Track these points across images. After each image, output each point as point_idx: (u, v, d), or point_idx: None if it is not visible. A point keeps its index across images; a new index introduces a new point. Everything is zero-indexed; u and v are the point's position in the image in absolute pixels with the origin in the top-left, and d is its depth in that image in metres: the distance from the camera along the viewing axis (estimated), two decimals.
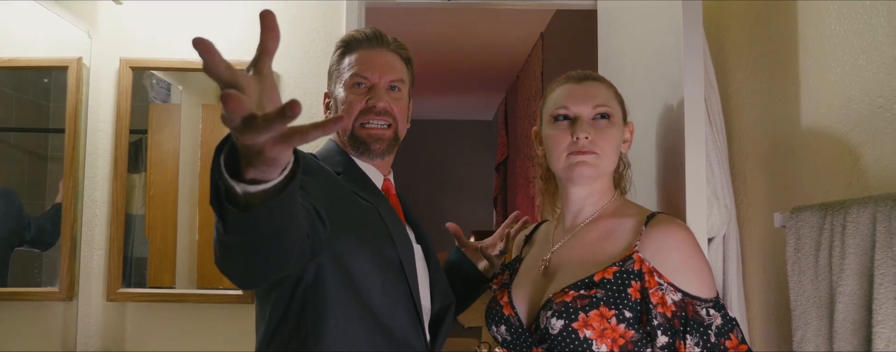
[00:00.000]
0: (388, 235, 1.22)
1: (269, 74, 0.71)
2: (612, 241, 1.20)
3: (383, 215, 1.24)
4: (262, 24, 0.68)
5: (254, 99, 0.68)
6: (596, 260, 1.18)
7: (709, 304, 1.11)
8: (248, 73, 0.71)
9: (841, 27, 1.36)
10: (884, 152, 1.23)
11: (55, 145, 2.10)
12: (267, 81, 0.71)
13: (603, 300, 1.10)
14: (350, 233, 1.17)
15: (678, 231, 1.15)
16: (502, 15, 4.26)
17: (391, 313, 1.19)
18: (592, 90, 1.25)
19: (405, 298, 1.21)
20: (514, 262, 1.37)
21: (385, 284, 1.19)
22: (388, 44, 1.34)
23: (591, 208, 1.26)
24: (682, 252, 1.13)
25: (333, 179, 1.24)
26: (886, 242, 1.11)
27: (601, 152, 1.21)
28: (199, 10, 2.28)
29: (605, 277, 1.12)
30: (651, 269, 1.11)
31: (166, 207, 2.24)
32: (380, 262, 1.20)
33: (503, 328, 1.22)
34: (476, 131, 7.86)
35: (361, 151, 1.30)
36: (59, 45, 2.10)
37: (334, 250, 1.14)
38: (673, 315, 1.09)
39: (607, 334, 1.09)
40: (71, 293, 2.09)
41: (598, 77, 1.31)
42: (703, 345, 1.08)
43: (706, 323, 1.09)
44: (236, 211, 0.75)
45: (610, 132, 1.22)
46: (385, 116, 1.28)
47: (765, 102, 1.65)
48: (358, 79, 1.29)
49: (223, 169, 0.73)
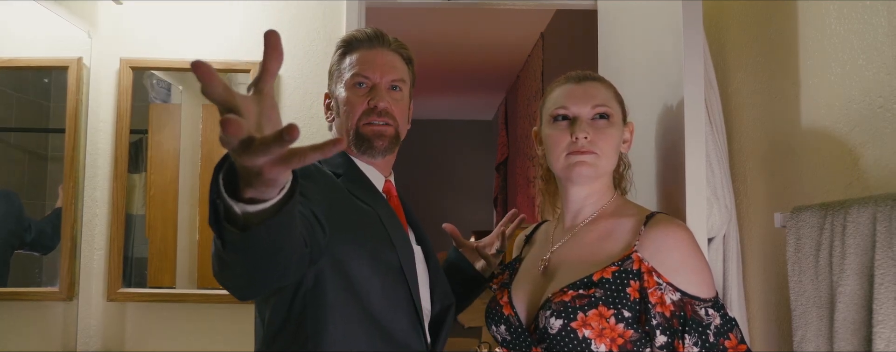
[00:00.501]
0: (388, 239, 1.22)
1: (269, 94, 0.71)
2: (611, 241, 1.20)
3: (383, 219, 1.24)
4: (265, 44, 0.68)
5: (252, 121, 0.69)
6: (595, 260, 1.18)
7: (708, 304, 1.11)
8: (249, 93, 0.71)
9: (841, 27, 1.36)
10: (884, 152, 1.23)
11: (55, 145, 2.10)
12: (267, 101, 0.71)
13: (602, 300, 1.10)
14: (349, 237, 1.17)
15: (677, 231, 1.15)
16: (502, 15, 4.26)
17: (391, 316, 1.19)
18: (592, 90, 1.25)
19: (405, 300, 1.21)
20: (514, 262, 1.38)
21: (385, 287, 1.19)
22: (389, 43, 1.33)
23: (591, 208, 1.26)
24: (682, 252, 1.13)
25: (333, 182, 1.24)
26: (887, 242, 1.11)
27: (600, 152, 1.22)
28: (199, 10, 2.28)
29: (603, 276, 1.13)
30: (650, 268, 1.11)
31: (166, 207, 2.24)
32: (379, 265, 1.20)
33: (503, 328, 1.22)
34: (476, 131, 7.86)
35: (364, 150, 1.29)
36: (59, 45, 2.10)
37: (334, 255, 1.14)
38: (672, 315, 1.09)
39: (606, 333, 1.09)
40: (71, 293, 2.09)
41: (598, 77, 1.31)
42: (701, 344, 1.08)
43: (705, 323, 1.09)
44: (236, 231, 0.75)
45: (609, 132, 1.23)
46: (386, 117, 1.28)
47: (765, 102, 1.65)
48: (359, 79, 1.29)
49: (222, 189, 0.73)
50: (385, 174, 1.35)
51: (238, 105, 0.67)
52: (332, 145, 0.64)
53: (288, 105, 2.26)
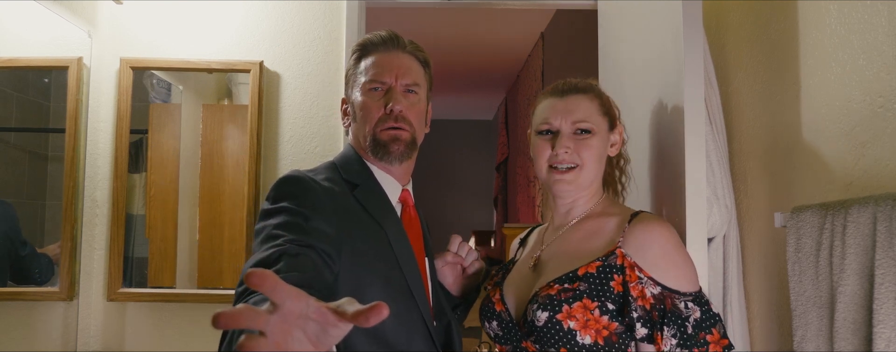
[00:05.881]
0: (396, 261, 1.21)
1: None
2: (597, 238, 1.24)
3: (391, 239, 1.22)
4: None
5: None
6: (580, 256, 1.23)
7: (688, 297, 1.14)
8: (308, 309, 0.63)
9: (841, 27, 1.36)
10: (884, 152, 1.23)
11: (55, 145, 2.10)
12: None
13: (586, 293, 1.15)
14: (362, 264, 1.16)
15: (659, 227, 1.19)
16: (502, 15, 4.27)
17: (407, 341, 1.18)
18: (573, 105, 1.28)
19: (418, 322, 1.20)
20: (509, 263, 1.43)
21: (398, 312, 1.18)
22: (404, 46, 1.32)
23: (580, 209, 1.31)
24: (662, 247, 1.17)
25: (345, 206, 1.21)
26: (887, 242, 1.11)
27: (582, 164, 1.26)
28: (199, 10, 2.28)
29: (588, 271, 1.17)
30: (632, 263, 1.16)
31: (166, 207, 2.24)
32: (391, 290, 1.18)
33: (495, 323, 1.28)
34: (476, 131, 7.86)
35: (381, 155, 1.27)
36: (59, 45, 2.10)
37: (349, 284, 1.13)
38: (651, 308, 1.13)
39: (591, 325, 1.13)
40: (71, 293, 2.10)
41: (583, 88, 1.31)
42: (679, 336, 1.12)
43: (684, 315, 1.13)
44: None
45: (590, 144, 1.26)
46: (401, 121, 1.27)
47: (765, 102, 1.65)
48: (374, 84, 1.28)
49: None
50: (403, 183, 1.33)
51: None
52: (376, 314, 0.59)
53: (287, 105, 2.26)
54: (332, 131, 2.25)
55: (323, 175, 1.24)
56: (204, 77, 2.31)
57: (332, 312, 0.62)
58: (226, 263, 2.24)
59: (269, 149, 2.25)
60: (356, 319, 0.59)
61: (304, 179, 1.18)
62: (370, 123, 1.27)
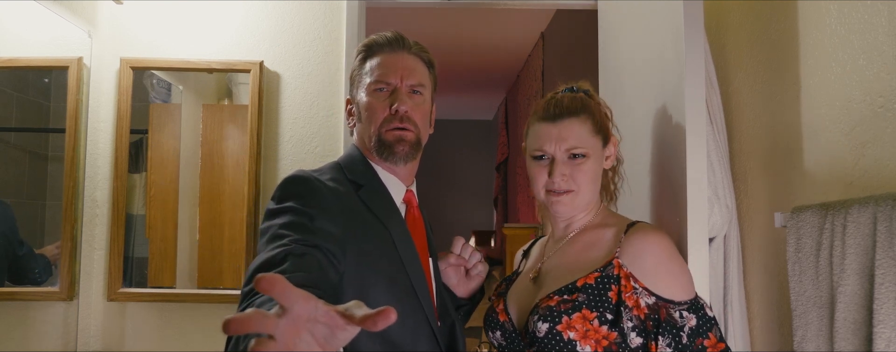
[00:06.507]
0: (400, 261, 1.21)
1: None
2: (595, 249, 1.26)
3: (396, 239, 1.22)
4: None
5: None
6: (580, 267, 1.24)
7: (683, 307, 1.15)
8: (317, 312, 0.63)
9: (841, 27, 1.36)
10: (884, 152, 1.23)
11: (55, 145, 2.09)
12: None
13: (585, 304, 1.16)
14: (367, 264, 1.16)
15: (652, 236, 1.20)
16: (502, 15, 4.27)
17: (411, 341, 1.18)
18: (565, 131, 1.27)
19: (422, 324, 1.20)
20: (512, 275, 1.44)
21: (403, 313, 1.17)
22: (409, 47, 1.32)
23: (578, 223, 1.32)
24: (657, 256, 1.18)
25: (350, 206, 1.21)
26: (887, 242, 1.11)
27: (577, 188, 1.27)
28: (199, 10, 2.28)
29: (587, 282, 1.19)
30: (628, 274, 1.17)
31: (166, 207, 2.24)
32: (396, 290, 1.18)
33: (498, 333, 1.29)
34: (476, 131, 7.86)
35: (386, 156, 1.27)
36: (59, 45, 2.10)
37: (354, 286, 1.13)
38: (646, 317, 1.14)
39: (591, 335, 1.15)
40: (71, 293, 2.09)
41: (574, 110, 1.28)
42: (674, 346, 1.13)
43: (679, 325, 1.14)
44: None
45: (585, 168, 1.27)
46: (406, 122, 1.27)
47: (765, 102, 1.65)
48: (380, 84, 1.28)
49: None
50: (407, 184, 1.33)
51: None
52: (384, 319, 0.59)
53: (288, 105, 2.26)
54: (332, 131, 2.25)
55: (328, 175, 1.24)
56: (204, 77, 2.31)
57: (341, 315, 0.62)
58: (226, 263, 2.24)
59: (269, 149, 2.25)
60: (364, 322, 0.60)
61: (310, 179, 1.18)
62: (375, 124, 1.27)
